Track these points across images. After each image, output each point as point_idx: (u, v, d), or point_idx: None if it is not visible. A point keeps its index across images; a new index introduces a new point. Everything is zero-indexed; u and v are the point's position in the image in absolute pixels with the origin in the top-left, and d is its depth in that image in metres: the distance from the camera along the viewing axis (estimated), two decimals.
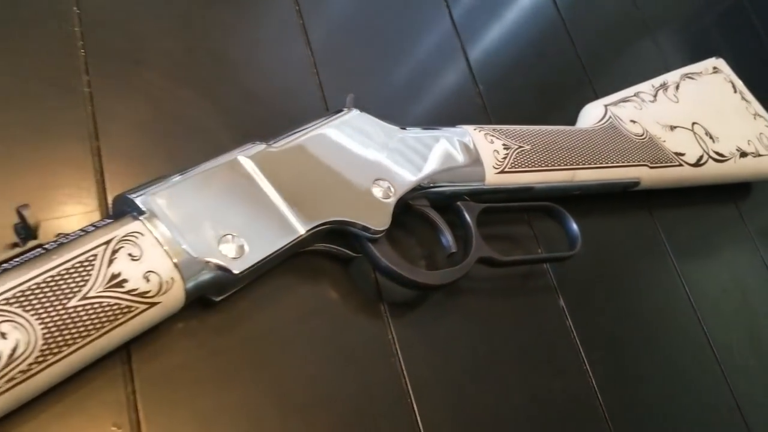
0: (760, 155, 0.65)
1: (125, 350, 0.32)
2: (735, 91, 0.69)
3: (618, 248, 0.56)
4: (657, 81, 0.64)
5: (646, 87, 0.63)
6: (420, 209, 0.43)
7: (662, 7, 0.80)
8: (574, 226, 0.48)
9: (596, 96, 0.61)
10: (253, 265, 0.34)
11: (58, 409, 0.30)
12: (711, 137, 0.62)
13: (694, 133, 0.61)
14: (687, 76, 0.68)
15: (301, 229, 0.36)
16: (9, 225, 0.32)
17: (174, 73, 0.42)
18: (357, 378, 0.39)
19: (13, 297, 0.27)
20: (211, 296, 0.35)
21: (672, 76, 0.66)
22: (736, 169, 0.63)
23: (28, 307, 0.27)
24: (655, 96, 0.62)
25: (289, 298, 0.39)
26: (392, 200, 0.40)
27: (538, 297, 0.49)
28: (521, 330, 0.46)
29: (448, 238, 0.43)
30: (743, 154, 0.63)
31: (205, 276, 0.33)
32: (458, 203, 0.44)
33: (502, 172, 0.46)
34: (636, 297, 0.54)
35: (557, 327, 0.48)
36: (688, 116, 0.62)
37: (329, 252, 0.40)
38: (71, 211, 0.34)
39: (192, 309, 0.34)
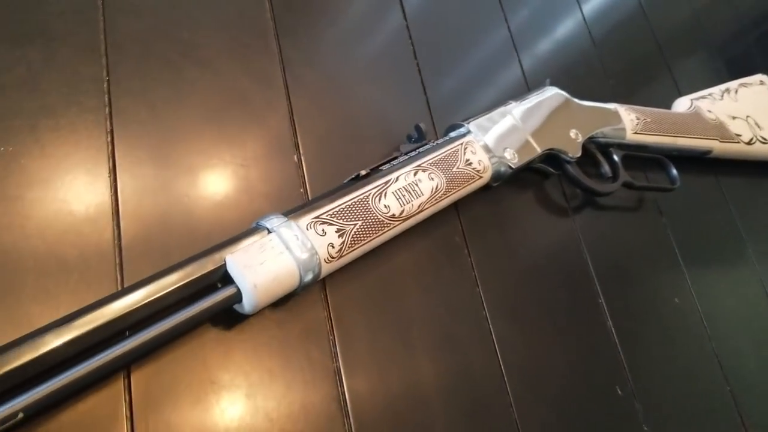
0: None
1: (455, 205, 0.62)
2: None
3: (695, 194, 0.85)
4: (723, 86, 0.93)
5: (716, 90, 0.92)
6: (591, 150, 0.72)
7: (718, 26, 1.10)
8: (674, 171, 0.77)
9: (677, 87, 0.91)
10: (520, 166, 0.63)
11: (424, 230, 0.58)
12: (759, 126, 0.90)
13: (748, 123, 0.90)
14: (742, 85, 0.97)
15: (539, 150, 0.65)
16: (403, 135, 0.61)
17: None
18: (555, 240, 0.68)
19: (432, 164, 0.57)
20: (491, 183, 0.64)
21: (733, 84, 0.95)
22: None
23: (437, 169, 0.57)
24: (722, 96, 0.91)
25: (520, 194, 0.68)
26: (580, 141, 0.69)
27: (648, 215, 0.78)
28: (642, 229, 0.75)
29: (606, 168, 0.72)
30: None
31: (497, 167, 0.62)
32: (610, 149, 0.74)
33: (636, 133, 0.75)
34: (706, 222, 0.84)
35: (660, 234, 0.77)
36: (744, 111, 0.91)
37: (540, 169, 0.69)
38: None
39: (481, 189, 0.63)
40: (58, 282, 0.41)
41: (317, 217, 0.48)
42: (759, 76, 1.01)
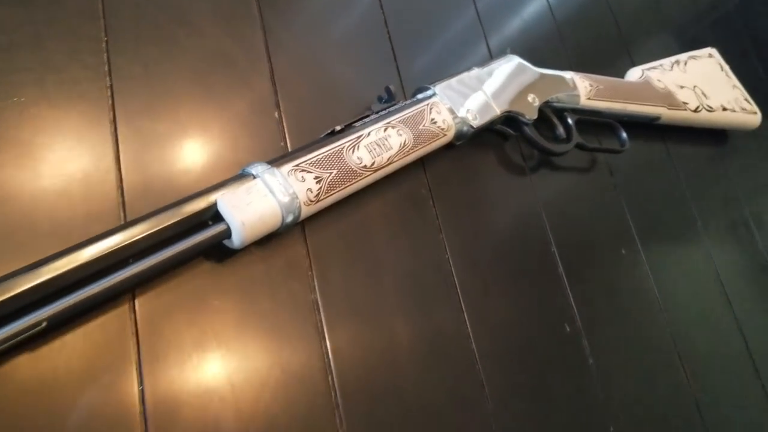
0: (735, 111, 1.02)
1: (421, 161, 0.68)
2: (722, 70, 1.05)
3: (644, 157, 0.93)
4: (673, 58, 1.00)
5: (666, 61, 0.99)
6: (547, 114, 0.79)
7: (676, 10, 1.17)
8: (624, 135, 0.85)
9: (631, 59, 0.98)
10: (481, 126, 0.70)
11: (394, 183, 0.64)
12: (705, 96, 0.98)
13: (695, 92, 0.97)
14: (692, 57, 1.04)
15: (498, 112, 0.72)
16: (374, 96, 0.67)
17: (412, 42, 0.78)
18: (512, 196, 0.75)
19: (401, 121, 0.63)
20: (455, 142, 0.71)
21: (682, 56, 1.02)
22: (718, 117, 0.99)
23: (405, 127, 0.63)
24: (671, 67, 0.99)
25: (481, 153, 0.75)
26: (537, 104, 0.76)
27: (599, 175, 0.85)
28: (594, 188, 0.82)
29: (561, 131, 0.79)
30: (725, 109, 1.00)
31: (459, 126, 0.68)
32: (565, 113, 0.80)
33: (589, 99, 0.82)
34: (654, 182, 0.91)
35: (610, 193, 0.85)
36: (691, 81, 0.98)
37: (500, 131, 0.76)
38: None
39: (445, 148, 0.69)
40: (67, 217, 0.47)
41: (297, 166, 0.54)
42: (708, 50, 1.08)
